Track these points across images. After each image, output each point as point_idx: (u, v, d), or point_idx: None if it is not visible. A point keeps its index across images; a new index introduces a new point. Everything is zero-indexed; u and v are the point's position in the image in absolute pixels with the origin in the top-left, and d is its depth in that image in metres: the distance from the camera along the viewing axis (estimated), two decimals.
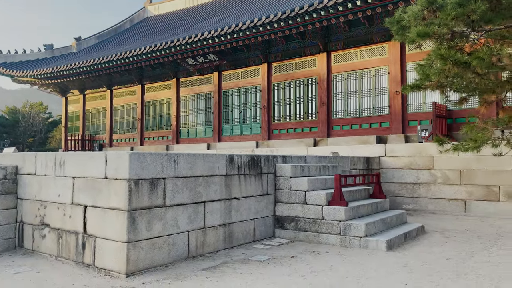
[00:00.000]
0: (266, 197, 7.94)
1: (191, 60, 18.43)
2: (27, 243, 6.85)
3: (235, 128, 18.43)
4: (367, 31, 14.70)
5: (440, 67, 5.00)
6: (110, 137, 23.33)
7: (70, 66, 20.86)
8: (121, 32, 28.37)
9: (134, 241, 5.46)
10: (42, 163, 6.67)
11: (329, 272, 5.55)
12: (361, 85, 14.92)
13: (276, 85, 17.12)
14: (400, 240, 7.37)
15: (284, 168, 8.09)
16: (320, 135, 15.64)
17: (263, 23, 14.43)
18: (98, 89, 24.00)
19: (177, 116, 20.34)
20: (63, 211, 6.26)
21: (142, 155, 5.64)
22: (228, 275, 5.41)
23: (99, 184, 5.79)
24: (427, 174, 11.83)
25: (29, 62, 24.99)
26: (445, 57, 4.82)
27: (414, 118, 13.74)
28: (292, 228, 7.83)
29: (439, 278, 5.28)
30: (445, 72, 5.01)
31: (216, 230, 6.81)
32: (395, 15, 6.87)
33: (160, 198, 5.87)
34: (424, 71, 5.42)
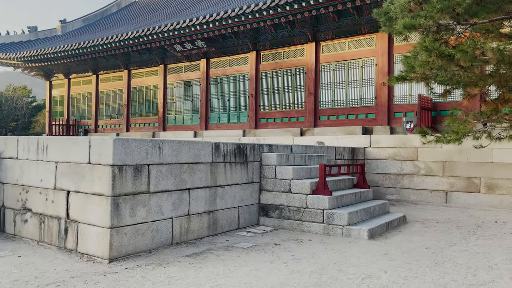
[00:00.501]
0: (251, 185, 7.98)
1: (178, 47, 18.22)
2: (8, 227, 6.77)
3: (222, 116, 18.38)
4: (356, 22, 14.71)
5: (425, 59, 5.05)
6: (96, 122, 23.04)
7: (55, 49, 20.45)
8: (108, 16, 27.85)
9: (117, 226, 5.45)
10: (25, 147, 6.58)
11: (311, 260, 5.63)
12: (348, 75, 14.99)
13: (264, 74, 17.08)
14: (382, 229, 7.51)
15: (269, 157, 8.12)
16: (307, 125, 15.71)
17: (252, 10, 14.32)
18: (83, 74, 23.61)
19: (164, 103, 20.17)
20: (45, 196, 6.20)
21: (127, 140, 5.60)
22: (211, 262, 5.45)
23: (82, 169, 5.74)
24: (411, 165, 12.02)
25: (12, 44, 24.41)
26: (429, 49, 4.87)
27: (399, 109, 13.89)
28: (276, 216, 7.90)
29: (417, 266, 5.41)
30: (430, 64, 5.06)
31: (201, 217, 6.83)
32: (383, 6, 6.89)
33: (144, 184, 5.85)
34: (410, 62, 5.46)
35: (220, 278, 4.78)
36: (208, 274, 4.92)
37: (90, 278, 4.74)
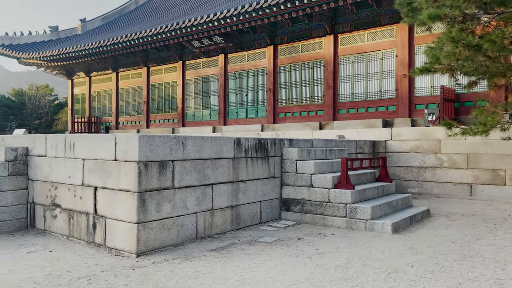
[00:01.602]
0: (273, 180, 8.01)
1: (196, 43, 18.31)
2: (38, 223, 6.99)
3: (240, 111, 18.42)
4: (375, 13, 14.50)
5: (451, 50, 4.95)
6: (116, 119, 23.42)
7: (76, 48, 20.82)
8: (126, 14, 28.16)
9: (144, 222, 5.56)
10: (53, 145, 6.75)
11: (335, 254, 5.63)
12: (368, 68, 14.80)
13: (282, 68, 17.02)
14: (405, 223, 7.44)
15: (290, 152, 8.12)
16: (326, 118, 15.61)
17: (270, 4, 14.25)
18: (104, 72, 23.99)
19: (183, 99, 20.34)
20: (73, 192, 6.36)
21: (151, 137, 5.69)
22: (237, 256, 5.51)
23: (109, 166, 5.86)
24: (433, 158, 11.83)
25: (34, 44, 24.95)
26: (456, 39, 4.77)
27: (421, 101, 13.66)
28: (298, 210, 7.92)
29: (444, 260, 5.35)
30: (456, 55, 4.96)
31: (224, 212, 6.90)
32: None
33: (169, 180, 5.94)
34: (435, 54, 5.37)
35: (246, 272, 4.84)
36: (234, 268, 4.98)
37: (119, 272, 4.86)
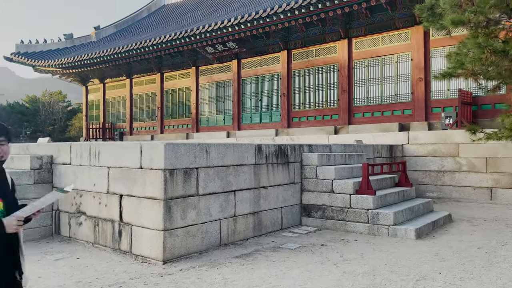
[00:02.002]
0: (293, 186, 8.02)
1: (210, 49, 18.44)
2: (63, 230, 7.09)
3: (254, 116, 18.48)
4: (389, 17, 14.46)
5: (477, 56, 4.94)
6: (131, 125, 23.65)
7: (91, 55, 21.11)
8: (139, 21, 28.49)
9: (170, 229, 5.61)
10: (77, 153, 6.86)
11: (361, 260, 5.62)
12: (383, 71, 14.76)
13: (296, 73, 17.05)
14: (428, 228, 7.38)
15: (310, 157, 8.13)
16: (341, 122, 15.58)
17: (284, 10, 14.32)
18: (117, 78, 24.27)
19: (197, 104, 20.47)
20: (98, 200, 6.45)
21: (177, 145, 5.75)
22: (262, 263, 5.53)
23: (134, 174, 5.94)
24: (452, 162, 11.72)
25: (50, 51, 25.36)
26: (483, 45, 4.76)
27: (437, 105, 13.57)
28: (319, 216, 7.91)
29: (472, 266, 5.31)
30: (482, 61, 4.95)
31: (246, 218, 6.93)
32: (425, 1, 6.78)
33: (193, 187, 5.99)
34: (459, 59, 5.35)
35: (273, 279, 4.85)
36: (261, 275, 5.00)
37: (148, 279, 4.91)
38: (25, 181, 6.91)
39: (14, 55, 24.57)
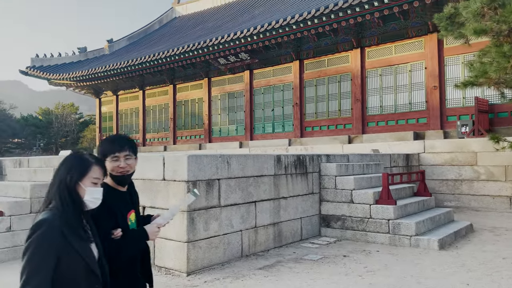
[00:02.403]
0: (312, 196, 8.00)
1: (222, 60, 18.60)
2: None
3: (267, 126, 18.52)
4: (402, 26, 14.48)
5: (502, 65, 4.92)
6: (143, 136, 23.85)
7: (104, 68, 21.42)
8: (151, 33, 28.88)
9: (193, 240, 5.62)
10: None
11: (385, 272, 5.56)
12: (396, 80, 14.73)
13: (308, 82, 17.09)
14: (451, 239, 7.29)
15: (329, 167, 8.12)
16: (354, 132, 15.54)
17: (297, 21, 14.42)
18: (130, 90, 24.55)
19: (209, 115, 20.60)
20: None
21: (199, 157, 5.80)
22: (286, 274, 5.50)
23: (157, 186, 5.98)
24: (470, 170, 11.60)
25: (64, 65, 25.78)
26: (508, 54, 4.75)
27: (453, 113, 13.48)
28: (338, 227, 7.86)
29: (499, 277, 5.23)
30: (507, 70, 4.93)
31: (267, 229, 6.92)
32: (444, 11, 6.79)
33: (215, 198, 6.01)
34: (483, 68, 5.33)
35: None
36: (286, 287, 4.98)
37: None
38: None
39: (29, 69, 25.02)
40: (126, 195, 2.55)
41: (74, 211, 1.98)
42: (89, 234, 2.04)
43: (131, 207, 2.55)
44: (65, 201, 1.96)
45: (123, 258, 2.33)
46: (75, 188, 2.01)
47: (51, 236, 1.84)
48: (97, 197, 2.07)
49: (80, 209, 2.02)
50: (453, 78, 13.45)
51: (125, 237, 2.33)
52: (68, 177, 2.00)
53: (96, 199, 2.07)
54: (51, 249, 1.83)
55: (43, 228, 1.84)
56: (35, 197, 6.86)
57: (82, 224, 2.02)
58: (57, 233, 1.86)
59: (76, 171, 2.02)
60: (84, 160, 2.08)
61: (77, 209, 1.99)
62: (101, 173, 2.13)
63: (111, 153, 2.45)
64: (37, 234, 1.84)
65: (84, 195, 2.02)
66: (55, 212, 1.92)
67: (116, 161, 2.44)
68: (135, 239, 2.39)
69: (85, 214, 2.07)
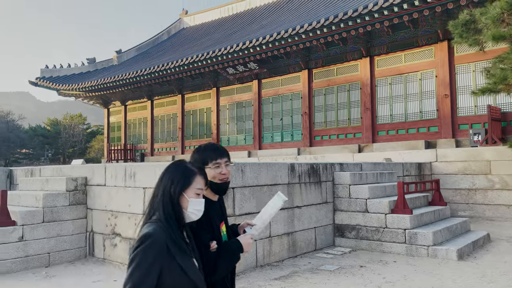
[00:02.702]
0: (326, 206, 7.89)
1: (231, 69, 18.65)
2: (98, 251, 7.07)
3: (275, 135, 18.46)
4: (412, 34, 14.44)
5: None
6: (152, 146, 23.87)
7: (113, 78, 21.55)
8: (159, 44, 29.10)
9: None
10: (112, 174, 6.90)
11: (405, 282, 5.43)
12: (406, 89, 14.65)
13: (317, 91, 17.05)
14: (469, 249, 7.13)
15: (343, 176, 8.01)
16: (364, 141, 15.42)
17: (306, 30, 14.44)
18: (139, 100, 24.67)
19: (217, 125, 20.59)
20: (134, 221, 6.43)
21: None
22: (303, 285, 5.39)
23: None
24: (484, 179, 11.42)
25: (73, 75, 26.00)
26: None
27: (465, 121, 13.33)
28: (353, 236, 7.73)
29: None
30: None
31: (281, 239, 6.81)
32: (459, 17, 6.74)
33: (230, 207, 5.93)
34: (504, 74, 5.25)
35: None
36: None
37: None
38: (61, 203, 6.95)
39: (39, 79, 25.24)
40: (217, 205, 2.42)
41: (178, 224, 1.88)
42: (191, 248, 1.94)
43: (222, 217, 2.42)
44: (168, 214, 1.87)
45: (221, 272, 2.19)
46: (178, 199, 1.91)
47: (156, 250, 1.76)
48: (199, 208, 1.97)
49: (182, 221, 1.92)
50: (465, 86, 13.34)
51: (221, 250, 2.19)
52: (172, 188, 1.91)
53: (198, 211, 1.97)
54: (156, 263, 1.75)
55: (149, 241, 1.76)
56: (47, 207, 6.82)
57: (184, 238, 1.93)
58: (162, 247, 1.77)
59: (180, 182, 1.93)
60: (188, 170, 1.98)
61: (180, 222, 1.90)
62: (204, 183, 2.02)
63: (213, 160, 2.31)
64: (143, 247, 1.75)
65: (187, 206, 1.93)
66: (160, 225, 1.83)
67: (218, 168, 2.32)
68: (232, 252, 2.23)
69: (185, 226, 1.97)
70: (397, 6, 12.25)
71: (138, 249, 1.76)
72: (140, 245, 1.77)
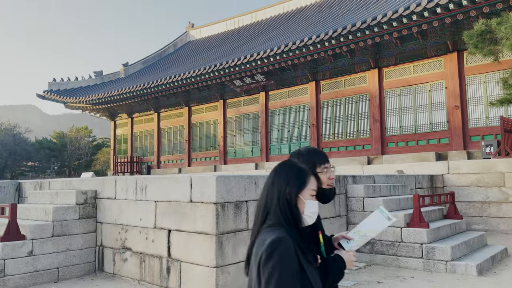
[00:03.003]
0: (339, 219, 7.72)
1: (238, 82, 18.64)
2: (107, 266, 6.93)
3: (283, 147, 18.34)
4: (420, 46, 14.39)
5: None
6: (158, 158, 23.81)
7: (120, 91, 21.62)
8: (166, 56, 29.27)
9: (222, 266, 5.38)
10: (123, 188, 6.79)
11: None
12: (416, 100, 14.53)
13: (325, 103, 16.98)
14: (488, 264, 6.92)
15: (356, 189, 7.86)
16: (374, 152, 15.27)
17: (314, 42, 14.43)
18: (145, 112, 24.70)
19: (224, 137, 20.52)
20: (145, 235, 6.30)
21: (227, 178, 5.61)
22: None
23: (183, 208, 5.79)
24: (498, 192, 11.20)
25: (80, 88, 26.14)
26: None
27: (476, 133, 13.17)
28: (367, 251, 7.54)
29: None
30: None
31: None
32: (474, 28, 6.65)
33: (243, 221, 5.79)
34: None
35: None
36: None
37: None
38: (70, 217, 6.85)
39: (46, 92, 25.39)
40: None
41: (298, 229, 1.72)
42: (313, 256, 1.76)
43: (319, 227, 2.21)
44: (288, 218, 1.71)
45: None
46: (296, 202, 1.76)
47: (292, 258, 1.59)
48: (314, 211, 1.82)
49: (301, 226, 1.76)
50: (475, 97, 13.22)
51: (330, 266, 1.99)
52: (288, 190, 1.76)
53: (313, 213, 1.82)
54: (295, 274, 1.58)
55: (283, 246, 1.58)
56: (57, 220, 6.71)
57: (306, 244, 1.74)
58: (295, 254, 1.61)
59: (296, 182, 1.78)
60: (301, 170, 1.83)
61: (299, 227, 1.74)
62: (316, 184, 1.86)
63: (321, 163, 2.16)
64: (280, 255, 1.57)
65: (304, 209, 1.77)
66: (283, 230, 1.67)
67: (326, 172, 2.17)
68: (339, 269, 2.02)
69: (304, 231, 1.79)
70: (406, 17, 12.22)
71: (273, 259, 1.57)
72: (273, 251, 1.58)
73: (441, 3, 11.37)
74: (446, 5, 11.46)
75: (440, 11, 11.64)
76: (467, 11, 11.42)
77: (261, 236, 1.69)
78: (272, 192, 1.77)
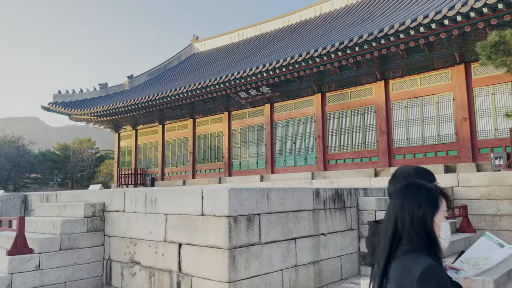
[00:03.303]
0: (351, 233, 7.58)
1: (243, 94, 18.63)
2: (115, 281, 6.79)
3: (288, 159, 18.23)
4: (427, 58, 14.35)
5: None
6: (162, 170, 23.70)
7: (125, 103, 21.64)
8: (170, 69, 29.39)
9: (234, 280, 5.25)
10: (132, 200, 6.69)
11: None
12: (423, 112, 14.45)
13: (331, 115, 16.91)
14: (504, 279, 6.74)
15: (367, 202, 7.74)
16: (381, 165, 15.13)
17: (320, 54, 14.42)
18: (150, 124, 24.68)
19: (229, 149, 20.43)
20: (155, 249, 6.18)
21: (240, 191, 5.51)
22: None
23: (194, 221, 5.68)
24: (508, 205, 11.03)
25: (85, 100, 26.19)
26: None
27: (485, 145, 13.04)
28: None
29: None
30: None
31: (307, 268, 6.50)
32: (487, 39, 6.60)
33: (256, 235, 5.67)
34: None
35: None
36: None
37: None
38: (78, 230, 6.73)
39: (51, 104, 25.44)
40: None
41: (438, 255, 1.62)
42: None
43: None
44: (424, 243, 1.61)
45: None
46: (432, 225, 1.66)
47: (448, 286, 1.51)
48: (448, 234, 1.73)
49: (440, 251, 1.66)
50: (484, 109, 13.13)
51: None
52: (421, 212, 1.65)
53: (448, 236, 1.73)
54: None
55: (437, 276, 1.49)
56: (65, 233, 6.60)
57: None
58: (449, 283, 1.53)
59: (429, 205, 1.67)
60: (432, 191, 1.73)
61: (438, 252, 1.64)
62: (446, 204, 1.75)
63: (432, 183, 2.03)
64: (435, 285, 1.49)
65: (439, 232, 1.67)
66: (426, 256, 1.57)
67: None
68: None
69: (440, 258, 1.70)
70: (413, 29, 12.21)
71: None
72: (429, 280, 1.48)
73: (448, 15, 11.37)
74: (453, 17, 11.46)
75: (447, 23, 11.64)
76: (474, 23, 11.41)
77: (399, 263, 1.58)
78: (402, 215, 1.66)
